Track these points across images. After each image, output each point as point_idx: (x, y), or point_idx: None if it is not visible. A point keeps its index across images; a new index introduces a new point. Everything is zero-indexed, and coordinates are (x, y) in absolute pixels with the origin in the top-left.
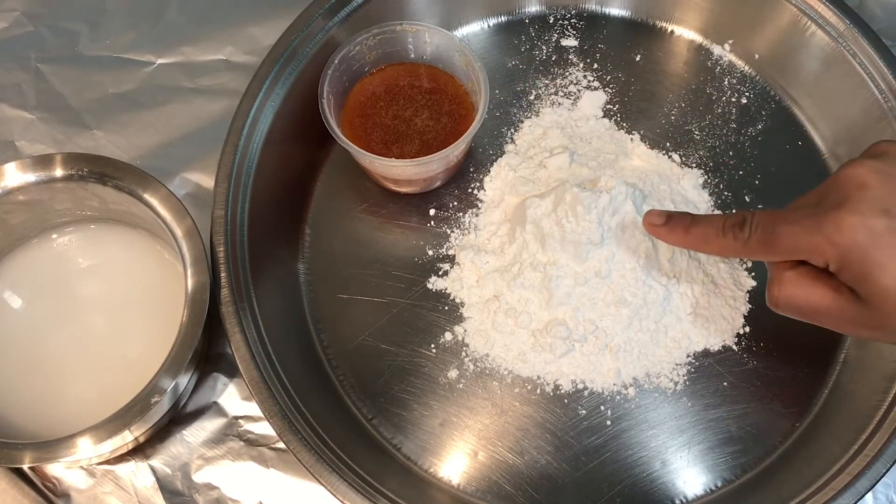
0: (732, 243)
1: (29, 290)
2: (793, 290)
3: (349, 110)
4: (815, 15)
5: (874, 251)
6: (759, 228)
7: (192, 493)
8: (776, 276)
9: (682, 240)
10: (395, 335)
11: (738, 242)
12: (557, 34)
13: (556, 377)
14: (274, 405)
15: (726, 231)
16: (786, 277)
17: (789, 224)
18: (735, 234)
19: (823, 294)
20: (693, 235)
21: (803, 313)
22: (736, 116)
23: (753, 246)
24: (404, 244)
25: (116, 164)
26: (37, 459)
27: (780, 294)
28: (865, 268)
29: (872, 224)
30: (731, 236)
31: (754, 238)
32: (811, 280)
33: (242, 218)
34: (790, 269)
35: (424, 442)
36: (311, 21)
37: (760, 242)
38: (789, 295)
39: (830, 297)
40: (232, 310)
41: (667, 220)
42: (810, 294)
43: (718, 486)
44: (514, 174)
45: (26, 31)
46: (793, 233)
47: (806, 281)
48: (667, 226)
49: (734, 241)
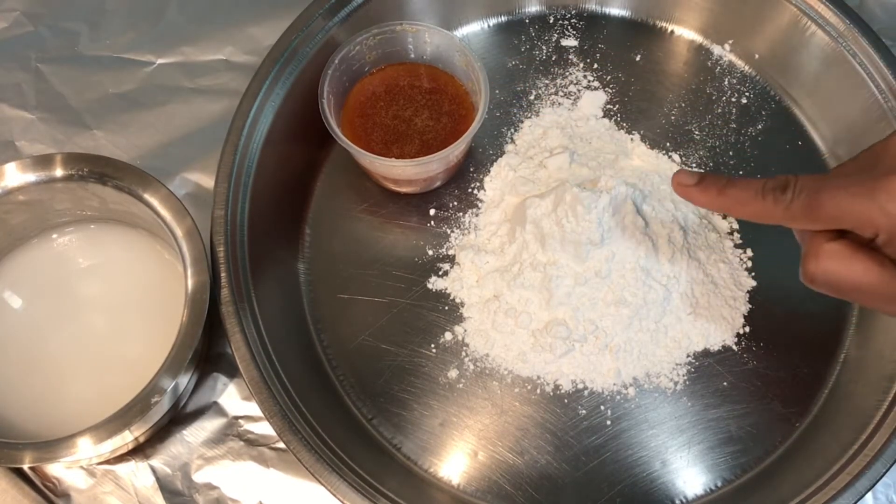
0: (772, 207)
1: (29, 290)
2: (832, 264)
3: (349, 110)
4: (815, 15)
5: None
6: (804, 192)
7: (192, 493)
8: (813, 250)
9: (715, 201)
10: (395, 335)
11: (778, 206)
12: (557, 34)
13: (556, 377)
14: (274, 405)
15: (766, 193)
16: (824, 250)
17: (837, 189)
18: (776, 196)
19: (867, 269)
20: (728, 197)
21: (841, 290)
22: (736, 116)
23: (795, 211)
24: (404, 244)
25: (116, 164)
26: (37, 459)
27: (817, 268)
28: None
29: None
30: (772, 199)
31: (797, 202)
32: (853, 253)
33: (242, 218)
34: (830, 241)
35: (424, 442)
36: (311, 21)
37: (804, 208)
38: (828, 269)
39: (875, 272)
40: (232, 310)
41: (699, 180)
42: (851, 269)
43: (718, 486)
44: (514, 174)
45: (26, 31)
46: (840, 198)
47: (847, 254)
48: (699, 186)
49: (774, 204)
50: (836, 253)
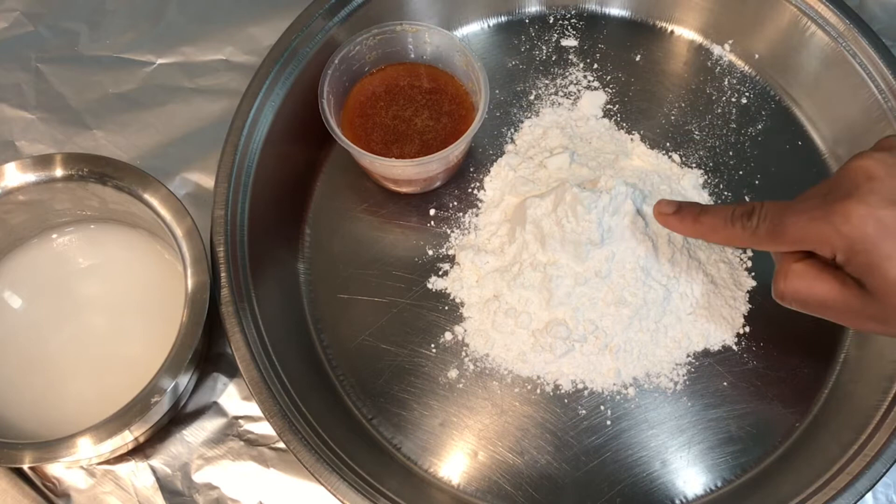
0: (741, 232)
1: (29, 290)
2: (799, 282)
3: (349, 110)
4: (815, 15)
5: (882, 242)
6: (768, 218)
7: (192, 493)
8: (782, 269)
9: (692, 229)
10: (395, 335)
11: (746, 232)
12: (557, 34)
13: (556, 377)
14: (274, 405)
15: (734, 220)
16: (792, 270)
17: (797, 214)
18: (743, 223)
19: (830, 287)
20: (702, 225)
21: (809, 306)
22: (736, 116)
23: (761, 235)
24: (404, 244)
25: (116, 164)
26: (37, 459)
27: (786, 287)
28: (873, 259)
29: (881, 215)
30: (740, 226)
31: (762, 227)
32: (817, 272)
33: (242, 218)
34: (797, 262)
35: (424, 442)
36: (311, 21)
37: (768, 232)
38: (795, 288)
39: (836, 289)
40: (232, 310)
41: (677, 209)
42: (816, 286)
43: (718, 486)
44: (514, 174)
45: (26, 31)
46: (801, 222)
47: (812, 273)
48: (677, 215)
49: (742, 230)
50: (801, 272)
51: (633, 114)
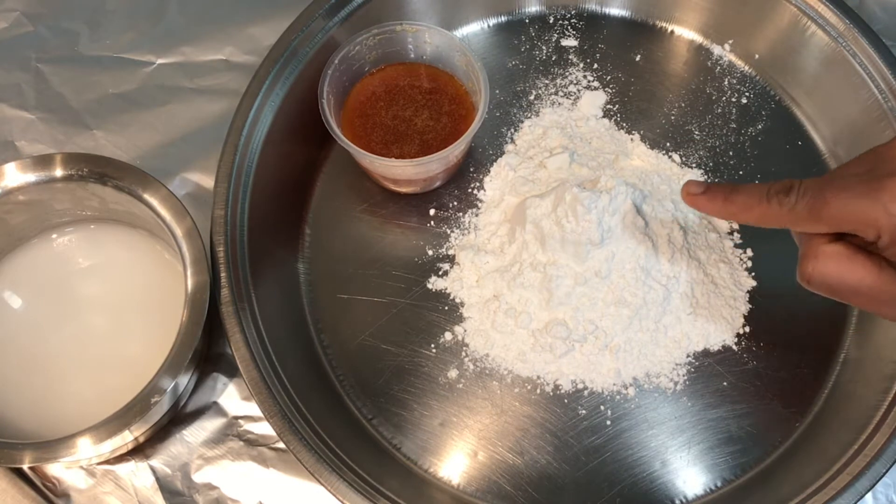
0: (777, 210)
1: (29, 290)
2: (830, 265)
3: (349, 110)
4: (815, 15)
5: None
6: (808, 194)
7: (192, 493)
8: (811, 251)
9: (722, 208)
10: (395, 335)
11: (783, 209)
12: (557, 34)
13: (556, 377)
14: (274, 405)
15: (770, 197)
16: (823, 251)
17: (840, 190)
18: (780, 200)
19: (866, 271)
20: (733, 203)
21: (838, 291)
22: (736, 116)
23: (800, 213)
24: (404, 244)
25: (116, 164)
26: (37, 459)
27: (814, 270)
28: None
29: None
30: (776, 202)
31: (801, 204)
32: (851, 255)
33: (242, 218)
34: (829, 244)
35: (424, 442)
36: (311, 21)
37: (808, 209)
38: (825, 271)
39: (873, 274)
40: (232, 310)
41: (706, 189)
42: (849, 271)
43: (718, 486)
44: (514, 174)
45: (26, 31)
46: (844, 199)
47: (846, 256)
48: (706, 195)
49: (779, 207)
50: (835, 254)
51: (633, 114)
